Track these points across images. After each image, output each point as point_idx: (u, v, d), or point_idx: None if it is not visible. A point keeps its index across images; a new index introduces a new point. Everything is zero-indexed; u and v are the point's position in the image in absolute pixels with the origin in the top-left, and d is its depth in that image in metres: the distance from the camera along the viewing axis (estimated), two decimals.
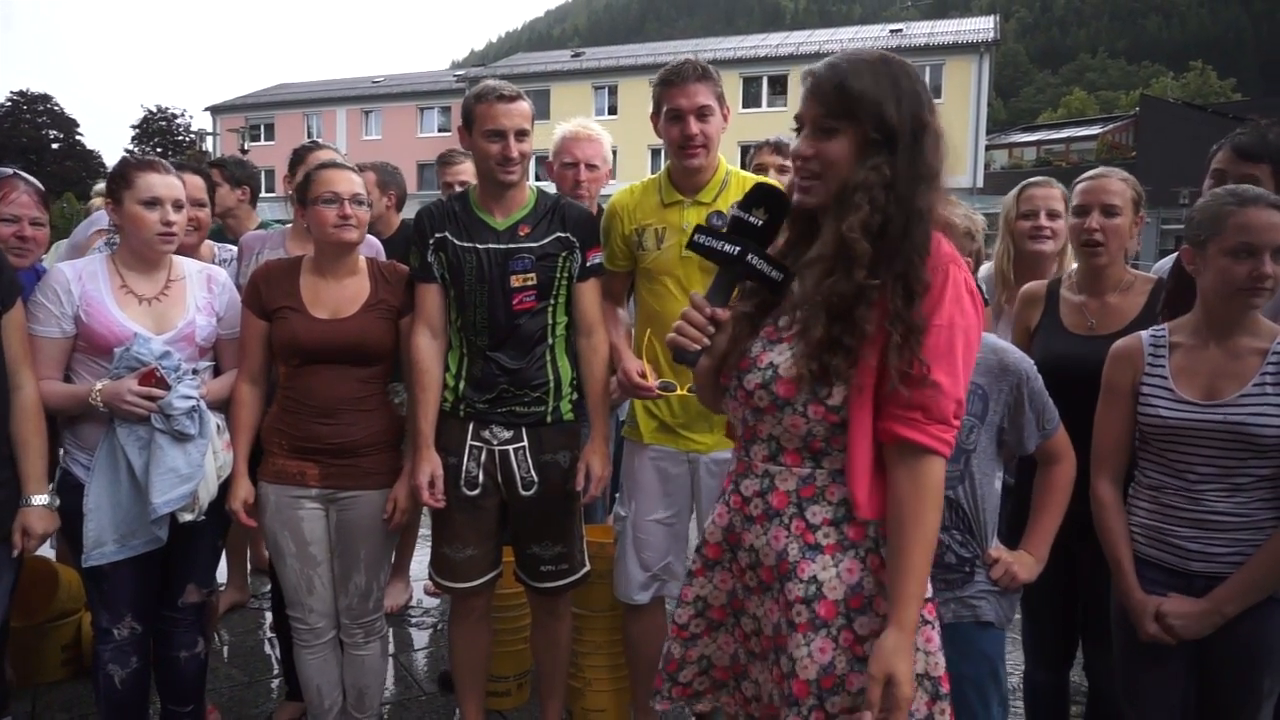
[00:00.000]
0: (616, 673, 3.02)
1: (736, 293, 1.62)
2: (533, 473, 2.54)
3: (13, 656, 3.03)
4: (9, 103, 40.71)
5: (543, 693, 2.85)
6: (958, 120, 29.94)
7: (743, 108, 30.99)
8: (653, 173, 2.74)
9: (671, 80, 2.51)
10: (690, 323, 1.54)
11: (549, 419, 2.56)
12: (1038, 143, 39.76)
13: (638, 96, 32.93)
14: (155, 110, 43.52)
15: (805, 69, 1.57)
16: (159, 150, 37.65)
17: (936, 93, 30.77)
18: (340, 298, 2.53)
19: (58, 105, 42.01)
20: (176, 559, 2.52)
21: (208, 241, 3.20)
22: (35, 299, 2.33)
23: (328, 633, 2.62)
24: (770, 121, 30.67)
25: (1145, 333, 2.10)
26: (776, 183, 1.72)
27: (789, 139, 3.45)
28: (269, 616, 3.84)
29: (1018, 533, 2.08)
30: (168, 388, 2.31)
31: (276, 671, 3.45)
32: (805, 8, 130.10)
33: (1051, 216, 2.82)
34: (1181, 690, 2.05)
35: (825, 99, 1.49)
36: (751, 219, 1.56)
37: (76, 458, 2.39)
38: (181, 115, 43.99)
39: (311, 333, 2.46)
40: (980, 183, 29.23)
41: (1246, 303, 1.95)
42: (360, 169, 2.72)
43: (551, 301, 2.54)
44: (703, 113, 2.51)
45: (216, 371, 2.58)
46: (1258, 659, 1.96)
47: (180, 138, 42.42)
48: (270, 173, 20.43)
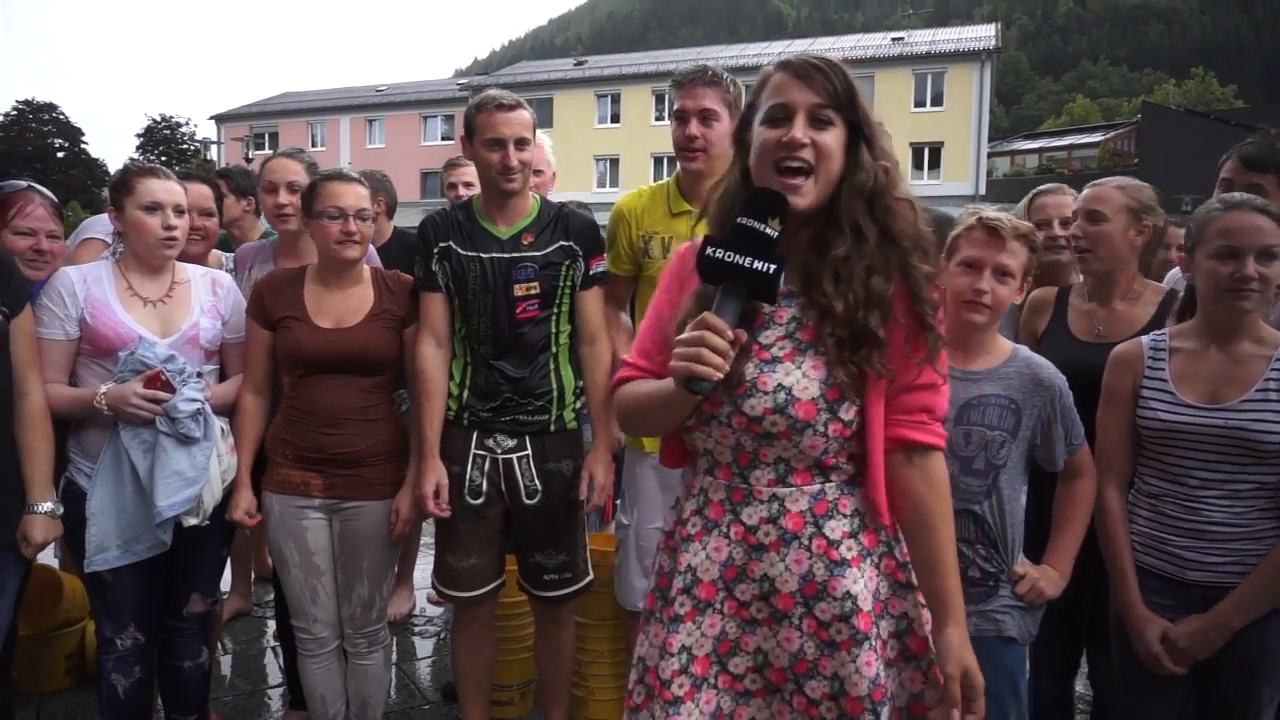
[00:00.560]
0: (619, 681, 3.01)
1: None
2: (536, 481, 2.54)
3: (17, 665, 3.03)
4: (14, 111, 40.86)
5: (546, 702, 2.85)
6: (960, 127, 29.98)
7: None
8: (655, 180, 2.76)
9: (680, 82, 2.56)
10: (712, 349, 1.31)
11: (552, 427, 2.56)
12: (1040, 150, 39.80)
13: (640, 105, 32.98)
14: (160, 119, 43.64)
15: (774, 59, 1.49)
16: (163, 159, 37.75)
17: (939, 100, 30.85)
18: (344, 307, 2.53)
19: (63, 114, 42.14)
20: (181, 568, 2.52)
21: (215, 250, 3.20)
22: (40, 302, 2.34)
23: (332, 642, 2.62)
24: None
25: (1145, 338, 2.11)
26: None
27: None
28: (272, 625, 3.84)
29: (1033, 545, 2.08)
30: (173, 391, 2.32)
31: (280, 681, 3.44)
32: (807, 16, 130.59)
33: (1064, 224, 2.78)
34: (1181, 701, 2.04)
35: (830, 89, 1.42)
36: (768, 230, 1.38)
37: (80, 466, 2.40)
38: (186, 124, 44.10)
39: (315, 342, 2.46)
40: (983, 190, 29.23)
41: (1233, 305, 1.96)
42: None
43: (555, 310, 2.55)
44: (706, 116, 2.52)
45: (222, 375, 2.59)
46: (1257, 668, 1.96)
47: (184, 146, 42.53)
48: None
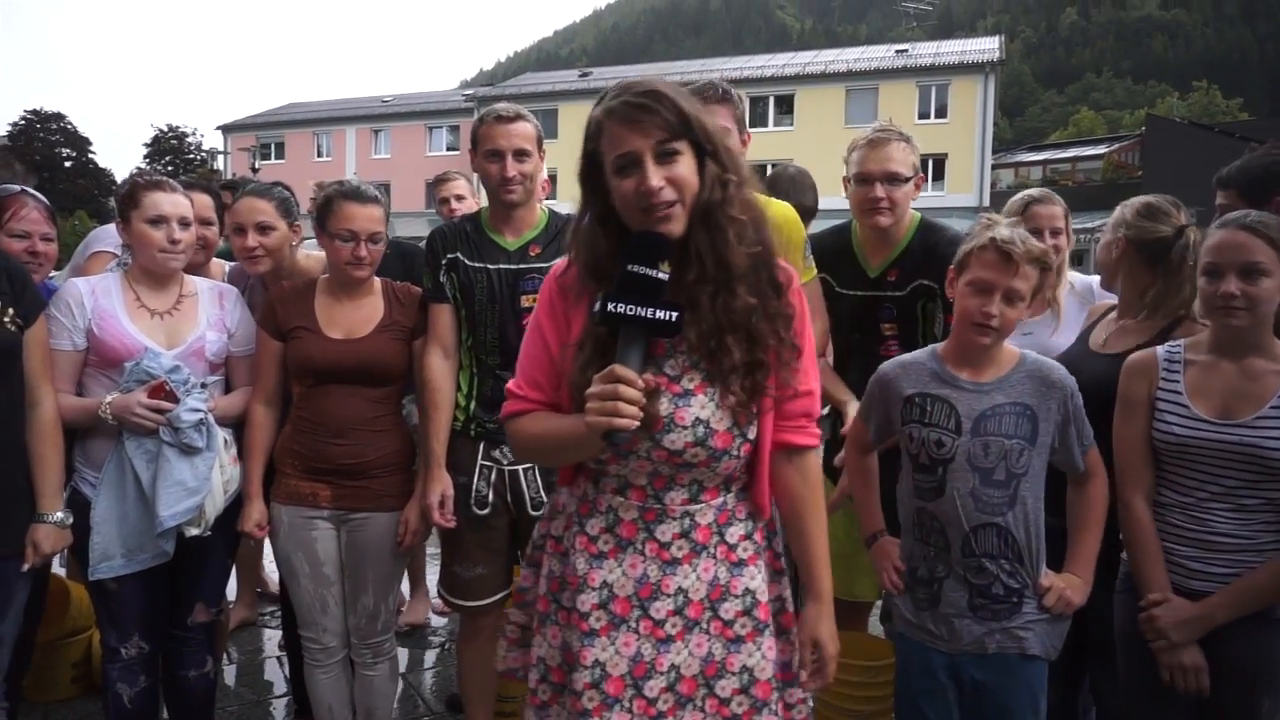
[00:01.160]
0: None
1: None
2: (542, 492, 2.54)
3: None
4: (23, 121, 41.13)
5: None
6: (963, 140, 30.01)
7: (750, 127, 30.99)
8: None
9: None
10: (627, 400, 1.36)
11: None
12: (1044, 162, 39.80)
13: None
14: (166, 129, 43.87)
15: (600, 108, 1.50)
16: (170, 169, 37.94)
17: (942, 112, 30.89)
18: (354, 318, 2.55)
19: (70, 124, 42.38)
20: (186, 578, 2.53)
21: (216, 260, 3.21)
22: (48, 312, 2.36)
23: (340, 652, 2.62)
24: (777, 141, 30.86)
25: (1161, 347, 2.11)
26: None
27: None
28: (277, 634, 3.85)
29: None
30: (176, 401, 2.33)
31: (285, 690, 3.44)
32: (811, 28, 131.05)
33: (1054, 234, 2.83)
34: (1184, 712, 2.04)
35: (663, 123, 1.44)
36: (659, 275, 1.41)
37: (85, 475, 2.41)
38: (193, 134, 44.35)
39: (325, 352, 2.48)
40: (986, 202, 29.23)
41: (1222, 321, 1.97)
42: None
43: None
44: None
45: (227, 388, 2.60)
46: (1257, 680, 1.96)
47: (191, 156, 42.71)
48: None
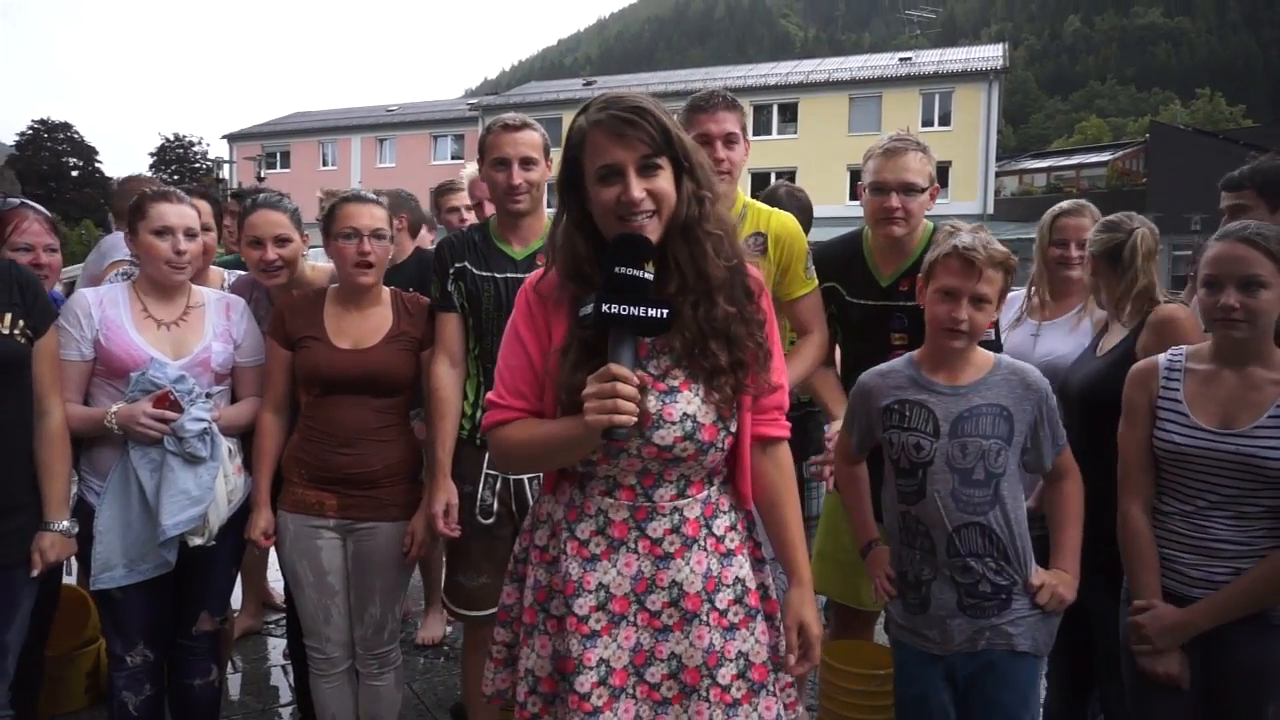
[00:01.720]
0: None
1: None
2: None
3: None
4: (30, 131, 41.30)
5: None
6: (968, 147, 30.03)
7: (753, 135, 30.97)
8: None
9: (701, 106, 2.59)
10: (624, 397, 1.41)
11: None
12: (1048, 169, 39.76)
13: None
14: (173, 138, 44.06)
15: (585, 118, 1.54)
16: (176, 178, 38.09)
17: (946, 120, 30.92)
18: (363, 328, 2.56)
19: (77, 133, 42.58)
20: (191, 586, 2.54)
21: (215, 268, 3.22)
22: (57, 323, 2.37)
23: (344, 662, 2.63)
24: (780, 149, 30.92)
25: (1162, 356, 2.13)
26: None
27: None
28: (282, 643, 3.85)
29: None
30: (181, 410, 2.35)
31: (289, 699, 3.44)
32: (815, 37, 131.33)
33: (1080, 246, 2.82)
34: (1189, 718, 2.04)
35: (647, 138, 1.50)
36: (645, 275, 1.46)
37: (90, 483, 2.42)
38: (199, 143, 44.50)
39: (333, 362, 2.49)
40: (991, 209, 29.27)
41: (1223, 334, 1.98)
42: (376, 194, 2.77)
43: None
44: (730, 139, 2.59)
45: (233, 398, 2.61)
46: (1263, 686, 1.96)
47: (197, 165, 42.89)
48: None
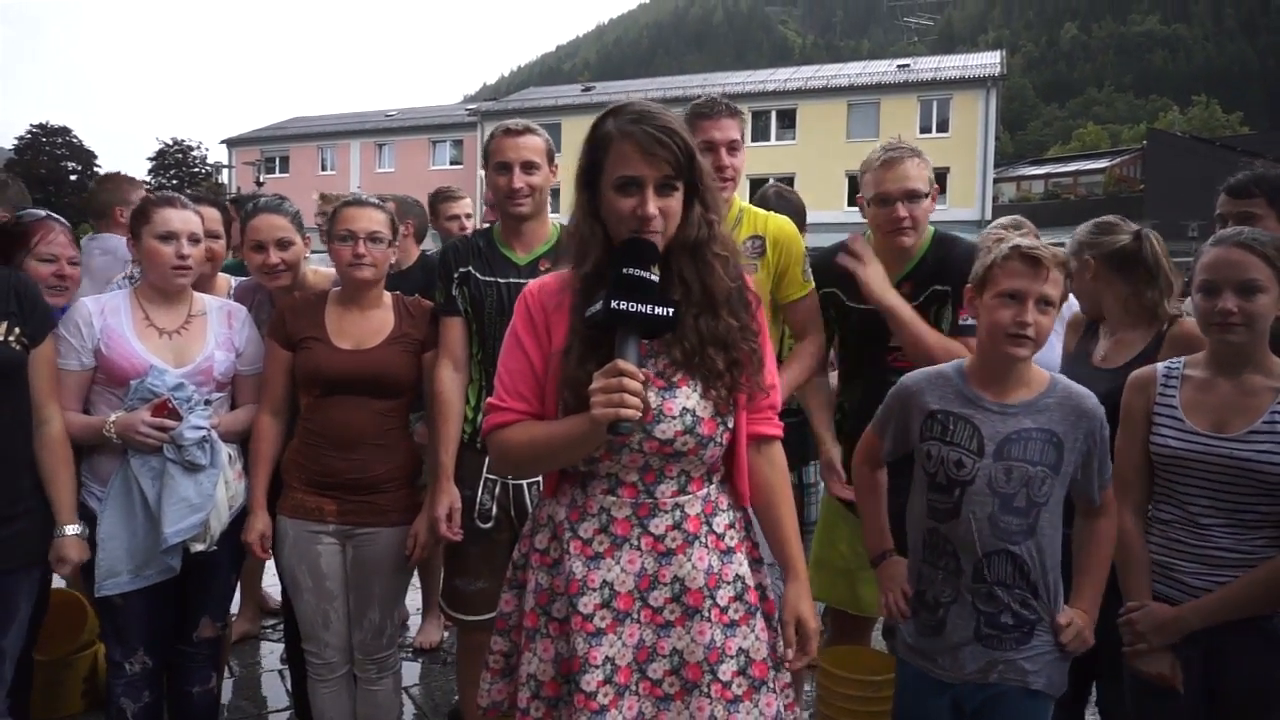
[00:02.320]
0: None
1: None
2: None
3: (35, 690, 3.01)
4: (29, 135, 41.25)
5: None
6: (965, 154, 30.08)
7: (752, 141, 31.21)
8: None
9: (706, 114, 2.60)
10: (631, 392, 1.44)
11: None
12: (1045, 176, 39.90)
13: None
14: (171, 142, 44.02)
15: (614, 126, 1.59)
16: (174, 183, 38.05)
17: (944, 127, 30.98)
18: (364, 330, 2.57)
19: (76, 138, 42.52)
20: (192, 593, 2.53)
21: (223, 275, 3.24)
22: (57, 332, 2.37)
23: (342, 667, 2.62)
24: (779, 155, 30.94)
25: (1160, 364, 2.13)
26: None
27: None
28: (278, 648, 3.84)
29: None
30: (180, 419, 2.35)
31: (286, 704, 3.44)
32: (813, 43, 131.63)
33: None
34: None
35: (672, 160, 1.56)
36: (652, 276, 1.53)
37: (90, 489, 2.42)
38: (197, 148, 44.45)
39: (334, 362, 2.49)
40: (988, 215, 29.29)
41: (1219, 338, 1.97)
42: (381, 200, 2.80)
43: None
44: (733, 147, 2.61)
45: (232, 405, 2.61)
46: (1268, 698, 1.95)
47: (196, 170, 42.86)
48: None
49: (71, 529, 2.31)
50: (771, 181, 4.35)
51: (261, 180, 30.46)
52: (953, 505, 1.94)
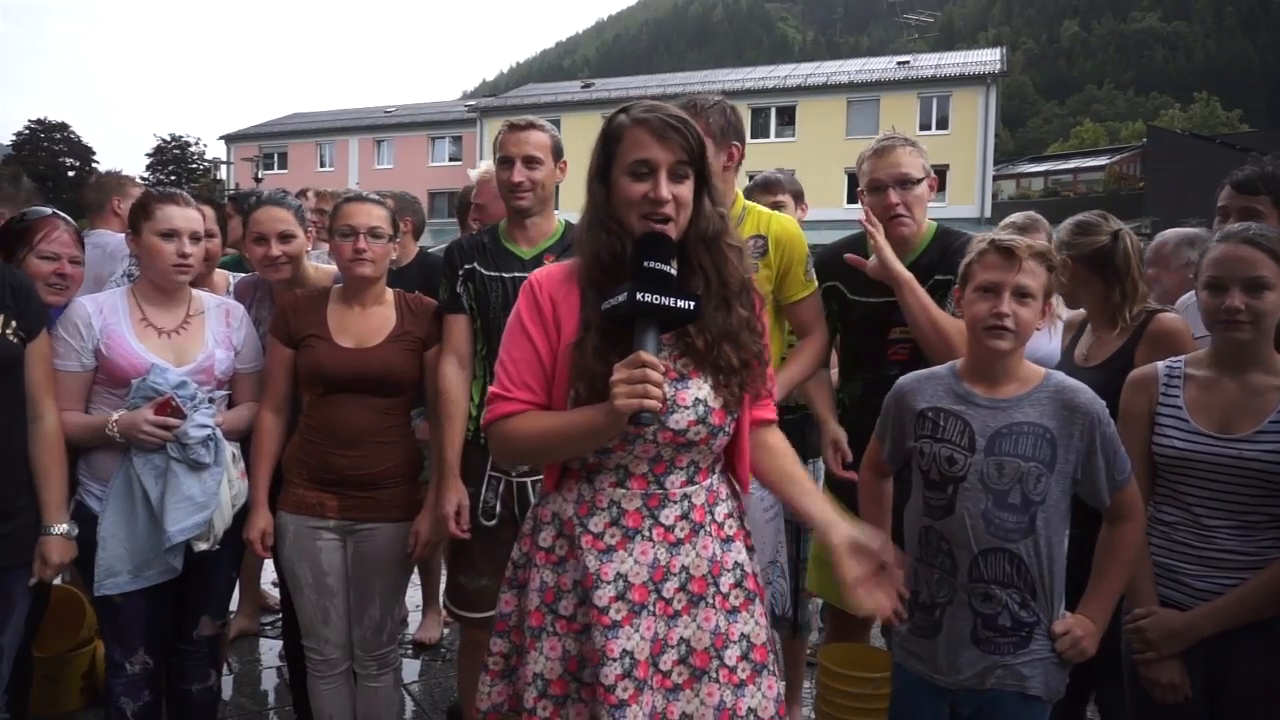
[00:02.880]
0: None
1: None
2: None
3: (34, 687, 3.01)
4: (27, 130, 41.21)
5: None
6: (965, 151, 30.07)
7: (751, 138, 31.15)
8: None
9: (693, 112, 2.60)
10: (653, 383, 1.45)
11: None
12: (1045, 173, 39.86)
13: None
14: (170, 138, 43.93)
15: (628, 116, 1.62)
16: (173, 178, 38.00)
17: (944, 124, 30.96)
18: (366, 327, 2.56)
19: (74, 133, 42.44)
20: (192, 591, 2.53)
21: (221, 271, 3.24)
22: (56, 333, 2.37)
23: (342, 663, 2.62)
24: (778, 151, 30.88)
25: (1161, 363, 2.11)
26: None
27: (778, 175, 3.51)
28: (277, 644, 3.84)
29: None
30: (183, 417, 2.34)
31: (284, 701, 3.44)
32: (813, 40, 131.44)
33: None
34: None
35: (686, 147, 1.59)
36: (671, 270, 1.54)
37: (90, 488, 2.41)
38: (196, 144, 44.36)
39: (335, 360, 2.49)
40: (988, 213, 29.29)
41: (1226, 335, 1.96)
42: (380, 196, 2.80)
43: None
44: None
45: (231, 404, 2.61)
46: (1270, 700, 1.94)
47: (194, 166, 42.78)
48: None
49: (59, 528, 2.29)
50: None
51: (260, 176, 30.43)
52: (947, 502, 1.94)
